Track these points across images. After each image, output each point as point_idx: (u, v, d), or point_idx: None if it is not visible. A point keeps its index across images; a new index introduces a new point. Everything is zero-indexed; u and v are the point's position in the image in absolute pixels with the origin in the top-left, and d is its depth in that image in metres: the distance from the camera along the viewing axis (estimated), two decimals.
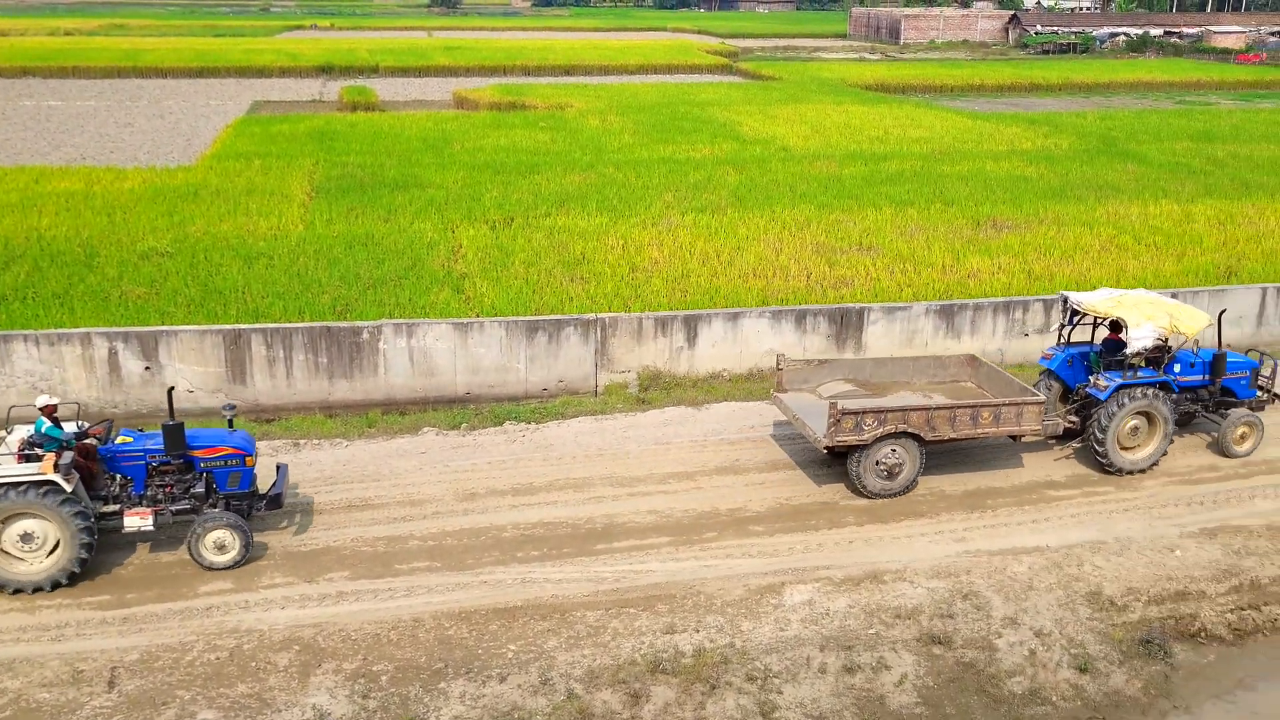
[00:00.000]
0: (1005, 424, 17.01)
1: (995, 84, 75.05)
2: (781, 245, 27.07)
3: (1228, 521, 16.33)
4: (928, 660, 13.13)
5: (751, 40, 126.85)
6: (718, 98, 61.11)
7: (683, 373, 21.28)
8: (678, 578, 14.60)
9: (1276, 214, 31.16)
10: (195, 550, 14.37)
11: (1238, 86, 76.53)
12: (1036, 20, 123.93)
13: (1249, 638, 13.91)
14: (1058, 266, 25.59)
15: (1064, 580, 14.68)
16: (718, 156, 40.24)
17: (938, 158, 40.83)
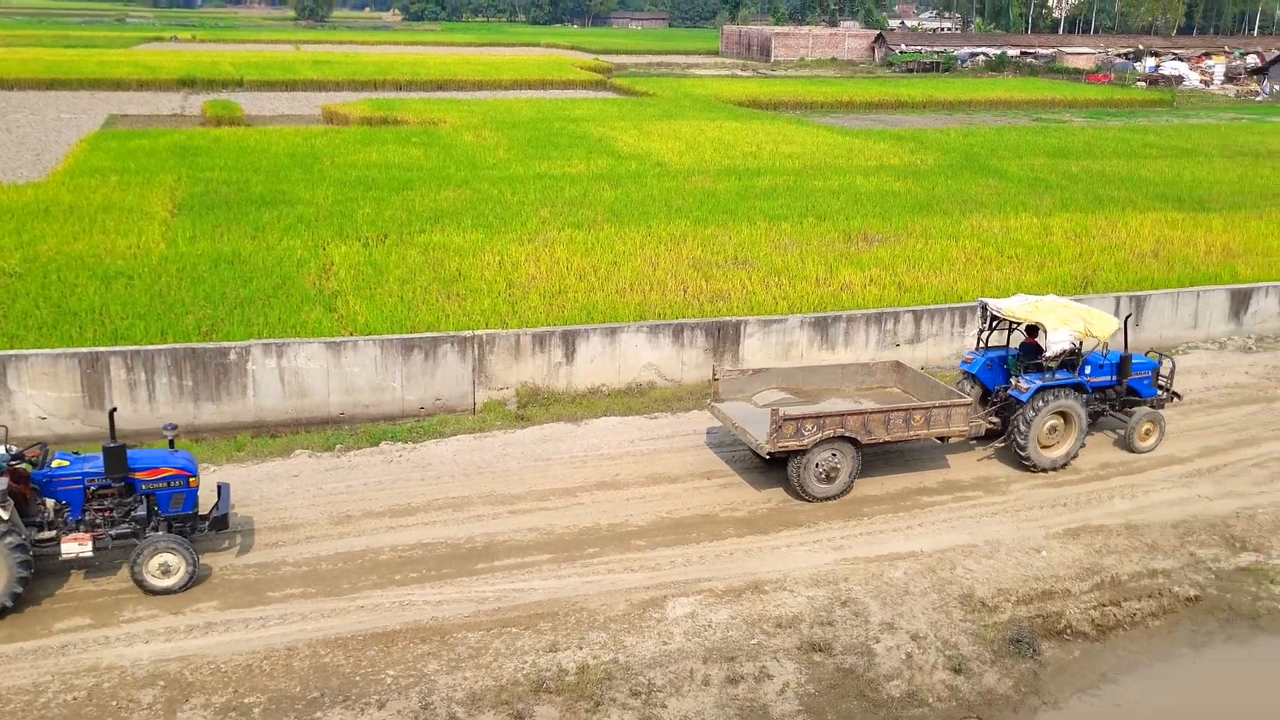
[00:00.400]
0: (935, 426, 17.65)
1: (863, 101, 77.08)
2: (658, 260, 27.22)
3: (1089, 522, 16.96)
4: (809, 668, 13.28)
5: (625, 56, 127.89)
6: (592, 113, 61.31)
7: (562, 388, 21.18)
8: (560, 595, 14.47)
9: (1127, 226, 32.63)
10: (138, 574, 13.90)
11: (1089, 105, 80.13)
12: (901, 40, 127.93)
13: (1111, 633, 14.43)
14: (926, 278, 26.31)
15: (938, 584, 15.02)
16: (593, 172, 40.32)
17: (809, 173, 41.65)
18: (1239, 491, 18.19)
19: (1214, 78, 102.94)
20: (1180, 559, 15.96)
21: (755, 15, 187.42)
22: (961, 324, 23.54)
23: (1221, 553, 16.18)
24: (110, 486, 14.23)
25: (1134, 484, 18.39)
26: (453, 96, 74.37)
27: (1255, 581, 15.55)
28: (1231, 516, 17.23)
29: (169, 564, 13.96)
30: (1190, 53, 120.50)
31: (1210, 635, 14.49)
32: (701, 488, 17.65)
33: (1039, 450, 18.46)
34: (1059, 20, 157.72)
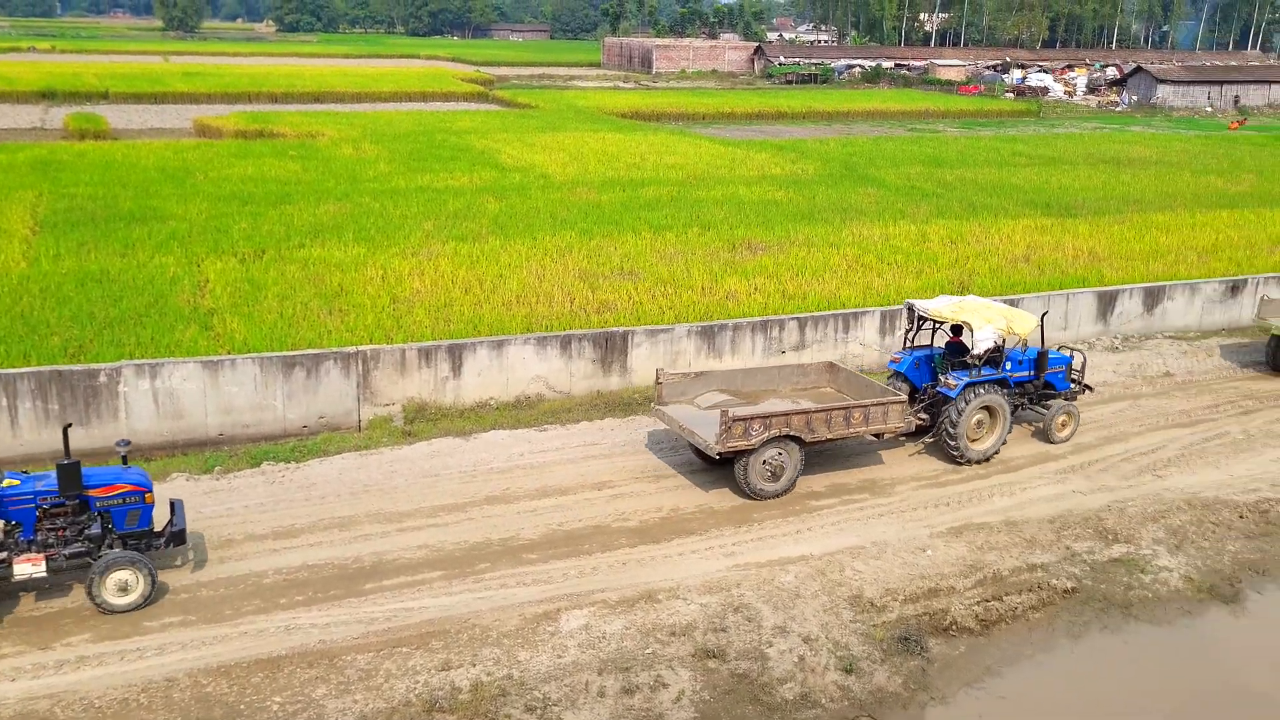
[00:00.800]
0: (874, 423, 18.24)
1: (744, 112, 78.18)
2: (544, 272, 27.12)
3: (971, 520, 17.41)
4: (703, 674, 13.32)
5: (507, 68, 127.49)
6: (475, 126, 60.90)
7: (449, 403, 20.91)
8: (452, 612, 14.25)
9: (1000, 232, 33.71)
10: (96, 593, 13.61)
11: (961, 115, 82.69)
12: (780, 52, 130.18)
13: (994, 627, 14.82)
14: (809, 285, 26.75)
15: (828, 586, 15.23)
16: (477, 185, 40.02)
17: (693, 183, 42.03)
18: (1110, 486, 18.90)
19: (1077, 89, 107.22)
20: (1057, 553, 16.49)
21: (636, 27, 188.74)
22: (845, 330, 23.99)
23: (1095, 545, 16.77)
24: (64, 505, 13.96)
25: (1012, 482, 18.95)
26: (331, 109, 73.06)
27: (1127, 572, 16.15)
28: (1104, 510, 17.88)
29: (126, 581, 13.72)
30: (1054, 65, 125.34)
31: (1087, 625, 14.99)
32: (593, 499, 17.59)
33: (968, 443, 19.24)
34: (930, 34, 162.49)
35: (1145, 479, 19.23)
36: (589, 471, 18.59)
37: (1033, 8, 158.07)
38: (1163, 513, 17.82)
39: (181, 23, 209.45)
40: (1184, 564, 16.40)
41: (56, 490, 13.85)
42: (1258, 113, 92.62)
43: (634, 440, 19.95)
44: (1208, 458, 20.22)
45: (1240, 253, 32.18)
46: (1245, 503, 18.32)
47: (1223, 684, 14.07)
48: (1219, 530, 17.43)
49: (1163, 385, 24.15)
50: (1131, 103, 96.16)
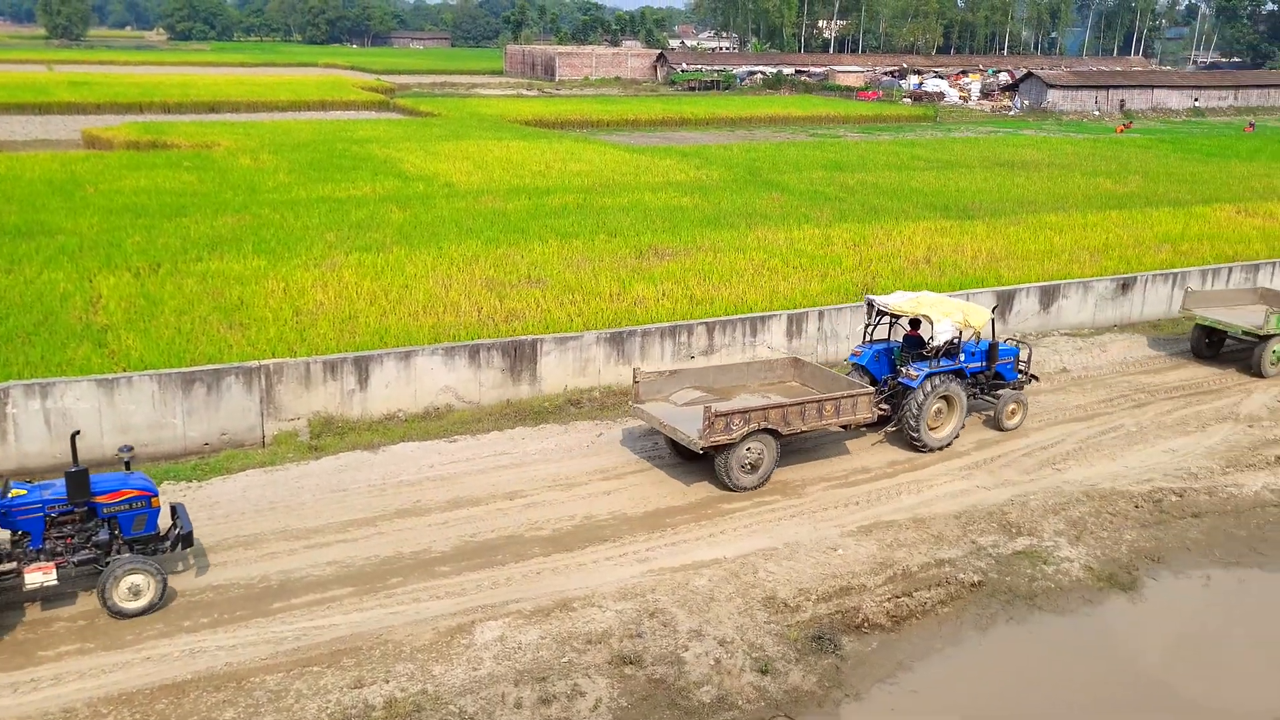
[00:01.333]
0: (844, 414, 18.91)
1: (648, 119, 78.53)
2: (451, 281, 26.86)
3: (880, 518, 17.69)
4: (620, 681, 13.29)
5: (408, 76, 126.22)
6: (377, 134, 60.10)
7: (356, 416, 20.58)
8: (363, 628, 14.01)
9: (901, 235, 34.36)
10: (108, 598, 13.72)
11: (860, 120, 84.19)
12: (682, 59, 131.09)
13: (905, 623, 15.06)
14: (717, 290, 26.93)
15: (742, 588, 15.33)
16: (380, 194, 39.47)
17: (599, 190, 42.05)
18: (1012, 480, 19.37)
19: (971, 94, 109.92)
20: (964, 547, 16.84)
21: (538, 35, 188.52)
22: (753, 334, 24.21)
23: (1000, 539, 17.16)
24: (72, 512, 14.10)
25: (919, 479, 19.31)
26: (227, 119, 71.47)
27: (1031, 564, 16.56)
28: (1007, 504, 18.32)
29: (138, 585, 13.87)
30: (949, 71, 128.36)
31: (994, 617, 15.32)
32: (505, 509, 17.46)
33: (928, 431, 20.06)
34: (829, 40, 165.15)
35: (1046, 473, 19.76)
36: (501, 481, 18.45)
37: (927, 15, 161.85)
38: (1063, 505, 18.33)
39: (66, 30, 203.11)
40: (1084, 554, 16.88)
41: (64, 498, 13.95)
42: (1142, 116, 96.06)
43: (545, 449, 19.85)
44: (1104, 450, 20.85)
45: (1129, 251, 33.28)
46: (1140, 493, 18.94)
47: (1122, 669, 14.50)
48: (1116, 520, 17.98)
49: (1060, 381, 24.85)
50: (1023, 107, 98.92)
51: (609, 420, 21.27)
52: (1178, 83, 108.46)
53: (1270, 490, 19.32)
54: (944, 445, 20.39)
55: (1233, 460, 20.52)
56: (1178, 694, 14.00)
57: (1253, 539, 17.79)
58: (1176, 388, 24.48)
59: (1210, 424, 22.34)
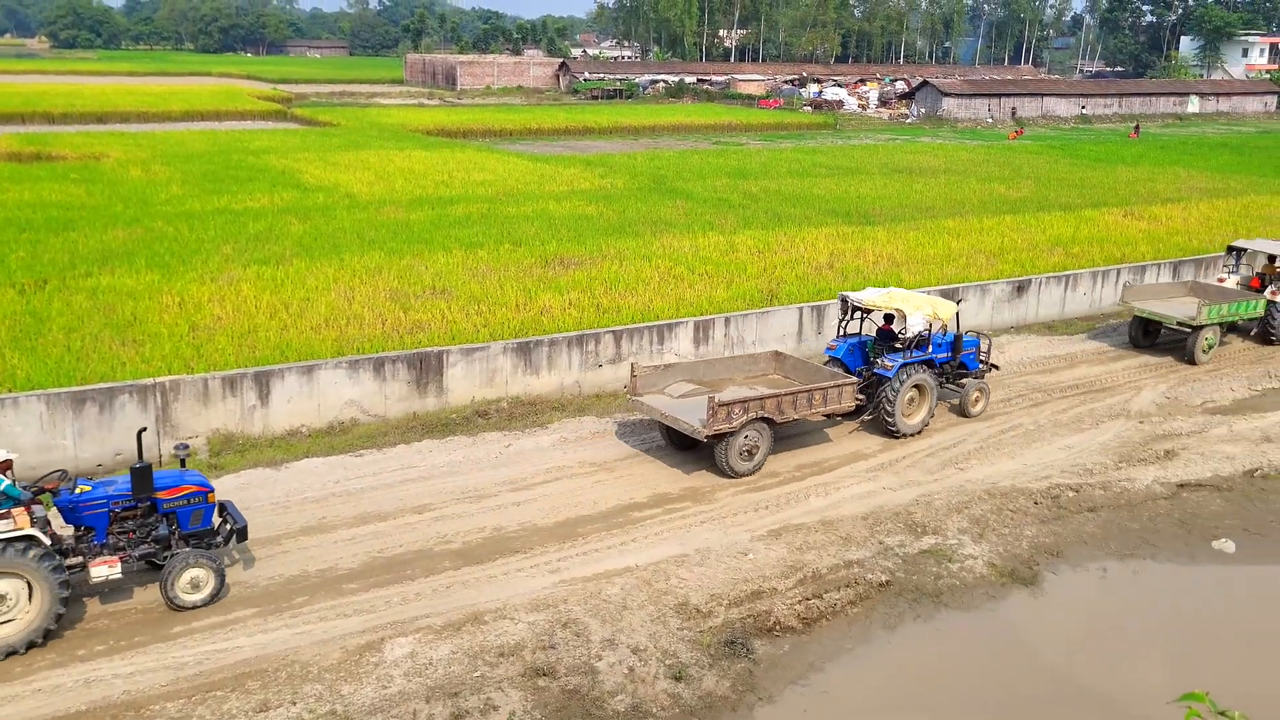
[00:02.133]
0: (831, 403, 20.07)
1: (551, 128, 78.37)
2: (353, 293, 26.42)
3: (789, 521, 17.85)
4: (534, 693, 13.18)
5: (306, 86, 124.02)
6: (274, 145, 58.93)
7: (258, 432, 20.10)
8: (269, 650, 13.67)
9: (804, 241, 34.80)
10: (170, 591, 14.22)
11: (762, 128, 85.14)
12: (585, 68, 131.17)
13: (816, 624, 15.22)
14: (623, 299, 26.95)
15: (654, 596, 15.33)
16: (279, 206, 38.68)
17: (503, 200, 41.80)
18: (917, 480, 19.73)
19: (869, 102, 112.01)
20: (871, 548, 17.08)
21: (438, 44, 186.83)
22: (660, 341, 24.28)
23: (906, 538, 17.46)
24: (135, 508, 14.59)
25: (826, 482, 19.55)
26: (116, 129, 69.35)
27: (936, 562, 16.87)
28: (912, 504, 18.65)
29: (199, 578, 14.41)
30: (848, 79, 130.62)
31: (901, 616, 15.56)
32: (414, 523, 17.21)
33: (903, 418, 21.31)
34: (730, 49, 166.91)
35: (949, 472, 20.17)
36: (408, 495, 18.19)
37: (826, 25, 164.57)
38: (966, 503, 18.72)
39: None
40: (987, 551, 17.25)
41: (129, 494, 14.41)
42: (1033, 123, 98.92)
43: (453, 461, 19.64)
44: (1004, 449, 21.37)
45: (1024, 254, 34.20)
46: (1038, 489, 19.44)
47: (1025, 661, 14.86)
48: (1016, 517, 18.43)
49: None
50: (920, 115, 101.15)
51: (517, 431, 21.13)
52: (1066, 91, 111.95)
53: (1160, 484, 19.99)
54: (917, 431, 21.58)
55: (1125, 456, 21.20)
56: (1078, 683, 14.38)
57: (1145, 531, 18.39)
58: (1071, 386, 25.21)
59: (1103, 421, 23.05)
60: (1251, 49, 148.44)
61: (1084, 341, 29.16)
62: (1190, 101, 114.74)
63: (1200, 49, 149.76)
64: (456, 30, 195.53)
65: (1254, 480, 20.40)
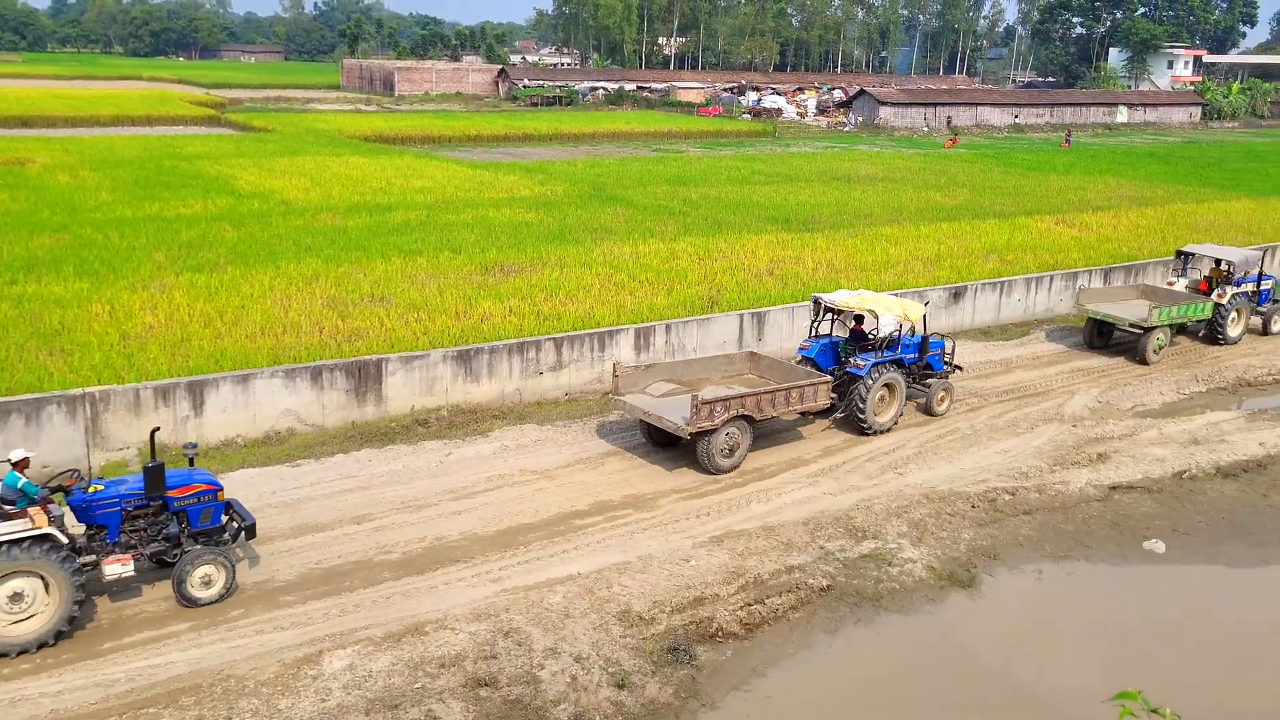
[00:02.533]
0: (807, 401, 20.73)
1: (491, 134, 78.01)
2: (290, 301, 26.05)
3: (731, 528, 17.90)
4: (476, 704, 13.06)
5: (240, 91, 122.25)
6: (208, 151, 58.00)
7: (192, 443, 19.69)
8: (203, 665, 13.40)
9: (744, 248, 34.98)
10: (182, 588, 14.47)
11: (702, 136, 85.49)
12: (524, 74, 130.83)
13: (758, 630, 15.26)
14: (564, 306, 26.88)
15: (596, 604, 15.28)
16: (213, 212, 38.05)
17: (442, 207, 41.52)
18: (857, 485, 19.89)
19: (807, 110, 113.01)
20: (812, 553, 17.18)
21: (376, 49, 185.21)
22: (601, 348, 24.25)
23: (846, 543, 17.58)
24: (147, 506, 14.84)
25: (768, 488, 19.63)
26: (42, 134, 67.76)
27: (876, 566, 17.01)
28: (852, 509, 18.79)
29: (210, 575, 14.68)
30: (786, 87, 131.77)
31: (842, 620, 15.66)
32: (352, 533, 16.99)
33: (874, 416, 21.99)
34: (670, 57, 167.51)
35: (888, 477, 20.36)
36: (347, 505, 17.96)
37: (764, 33, 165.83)
38: (905, 508, 18.91)
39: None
40: (926, 554, 17.43)
41: (141, 492, 14.69)
42: (967, 132, 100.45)
43: (393, 470, 19.43)
44: (941, 453, 21.62)
45: (960, 261, 34.68)
46: (975, 493, 19.69)
47: (965, 663, 15.03)
48: (954, 520, 18.65)
49: None
50: (857, 123, 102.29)
51: (458, 440, 20.96)
52: (999, 100, 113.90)
53: (1093, 486, 20.35)
54: (887, 429, 22.27)
55: (1059, 459, 21.55)
56: (1016, 683, 14.57)
57: (1079, 533, 18.71)
58: (1006, 391, 25.59)
59: (1038, 425, 23.43)
60: (1176, 61, 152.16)
61: (1019, 347, 29.65)
62: (1119, 111, 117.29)
63: (1128, 61, 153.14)
64: (394, 36, 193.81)
65: (1183, 482, 20.85)
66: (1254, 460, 21.86)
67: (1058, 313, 32.99)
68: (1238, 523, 19.30)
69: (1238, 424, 23.92)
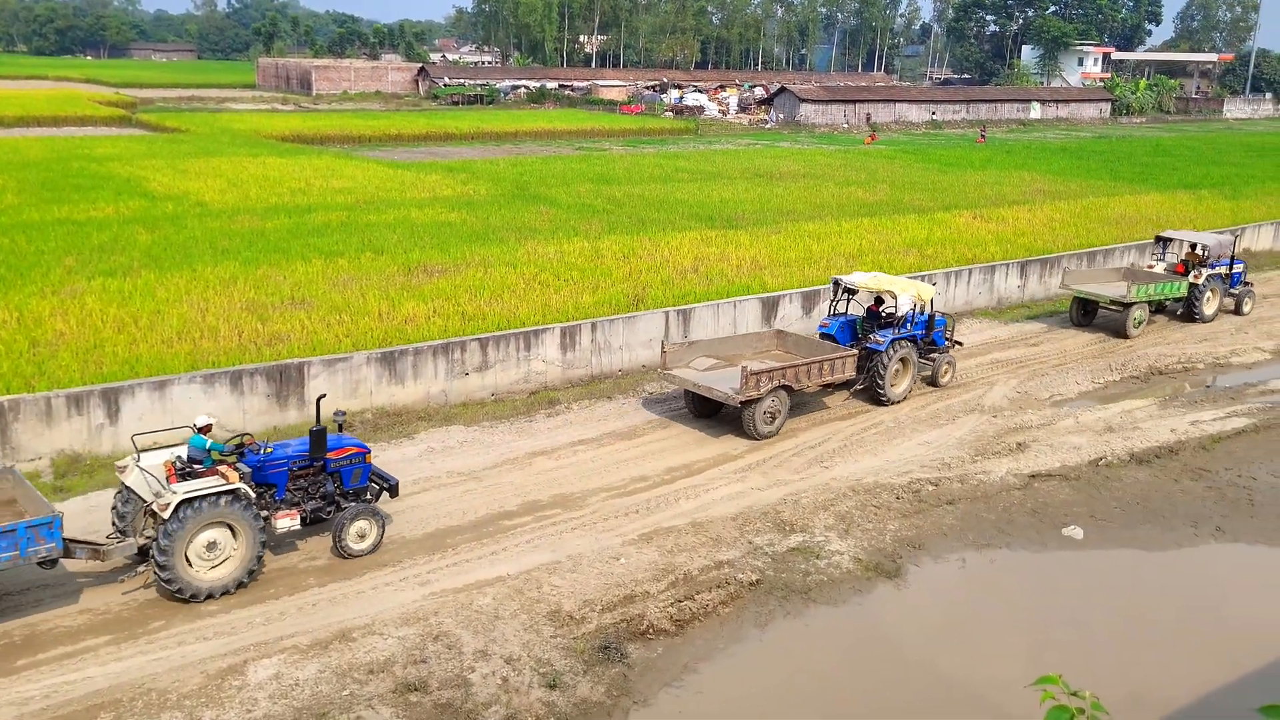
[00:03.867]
0: (837, 373, 22.70)
1: (411, 134, 77.21)
2: (208, 305, 25.51)
3: (660, 525, 17.94)
4: (405, 709, 12.93)
5: (152, 90, 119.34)
6: (118, 152, 56.53)
7: (108, 452, 19.22)
8: (123, 678, 13.07)
9: (669, 245, 35.06)
10: (341, 541, 16.03)
11: (625, 134, 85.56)
12: (444, 72, 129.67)
13: (688, 626, 15.32)
14: (489, 306, 26.69)
15: (526, 604, 15.21)
16: (125, 215, 37.10)
17: (363, 207, 40.98)
18: (784, 480, 20.07)
19: (730, 108, 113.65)
20: (741, 548, 17.29)
21: (292, 48, 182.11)
22: (526, 348, 24.14)
23: (775, 537, 17.73)
24: (309, 467, 16.36)
25: (696, 484, 19.72)
26: None
27: (804, 559, 17.18)
28: (780, 503, 18.96)
29: (364, 529, 16.22)
30: (708, 85, 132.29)
31: (772, 613, 15.79)
32: (274, 539, 16.68)
33: (891, 387, 23.96)
34: (591, 55, 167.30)
35: (814, 470, 20.57)
36: None
37: (685, 31, 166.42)
38: (832, 501, 19.12)
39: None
40: (853, 546, 17.65)
41: (306, 454, 16.23)
42: (886, 128, 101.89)
43: None
44: (866, 446, 21.91)
45: (881, 256, 35.13)
46: (900, 484, 19.99)
47: (892, 651, 15.25)
48: (880, 512, 18.90)
49: None
50: (779, 120, 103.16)
51: (383, 442, 20.72)
52: (917, 97, 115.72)
53: (1013, 475, 20.78)
54: (902, 398, 24.26)
55: (980, 449, 21.97)
56: (942, 670, 14.82)
57: (1000, 521, 19.09)
58: (928, 384, 25.97)
59: (959, 416, 23.85)
60: (1087, 58, 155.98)
61: None
62: (1032, 108, 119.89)
63: (1040, 58, 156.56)
64: (310, 34, 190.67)
65: (1099, 469, 21.38)
66: (1166, 446, 22.50)
67: (976, 305, 33.63)
68: (1151, 508, 19.85)
69: (1150, 411, 24.61)
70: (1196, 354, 29.44)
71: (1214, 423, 23.97)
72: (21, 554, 13.66)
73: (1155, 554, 18.41)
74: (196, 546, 14.66)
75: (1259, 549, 18.70)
